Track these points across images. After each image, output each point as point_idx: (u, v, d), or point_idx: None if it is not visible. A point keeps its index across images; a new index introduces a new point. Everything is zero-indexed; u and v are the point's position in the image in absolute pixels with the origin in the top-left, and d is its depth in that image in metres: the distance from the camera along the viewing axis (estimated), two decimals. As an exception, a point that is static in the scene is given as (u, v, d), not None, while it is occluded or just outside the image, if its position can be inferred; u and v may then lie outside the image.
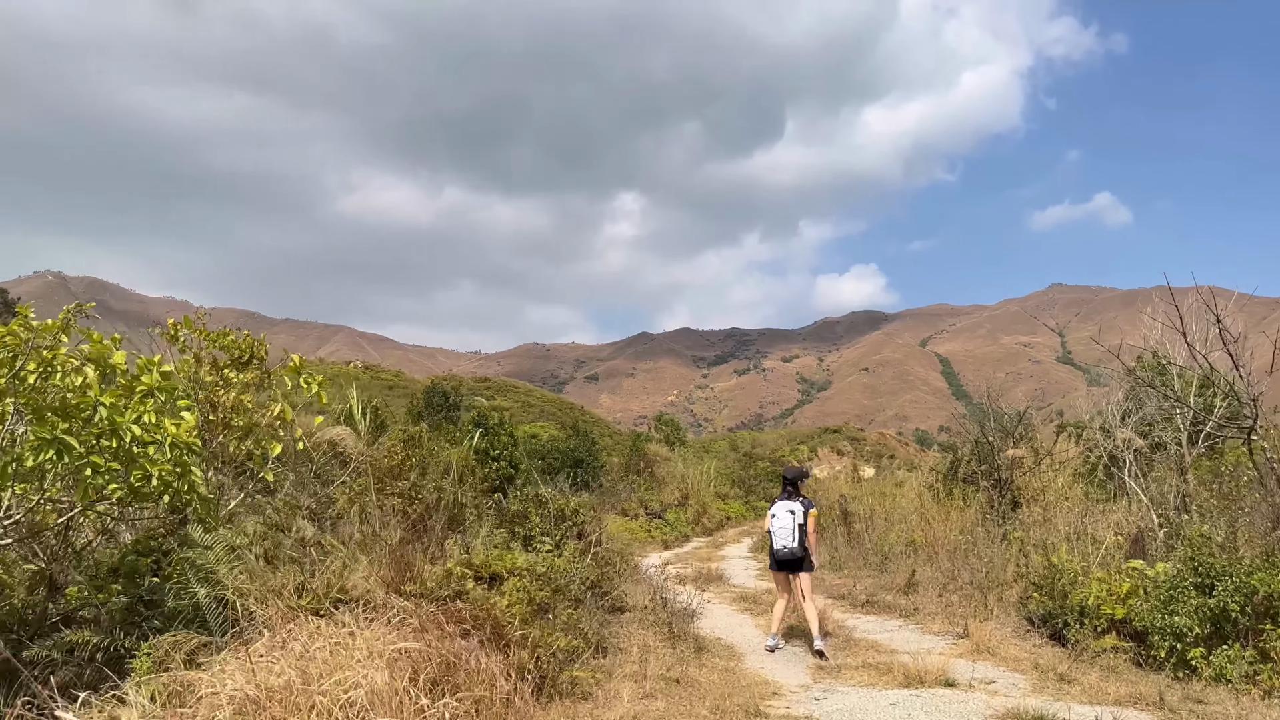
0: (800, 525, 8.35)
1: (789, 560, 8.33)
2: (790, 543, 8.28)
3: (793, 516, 8.37)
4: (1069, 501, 15.75)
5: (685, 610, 8.73)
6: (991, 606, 9.79)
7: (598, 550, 11.24)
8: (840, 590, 12.47)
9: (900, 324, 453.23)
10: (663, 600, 8.31)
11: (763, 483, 48.87)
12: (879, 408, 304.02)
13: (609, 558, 11.39)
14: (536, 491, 11.01)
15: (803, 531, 8.32)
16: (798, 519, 8.36)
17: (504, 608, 5.77)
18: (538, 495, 10.73)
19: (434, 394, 30.15)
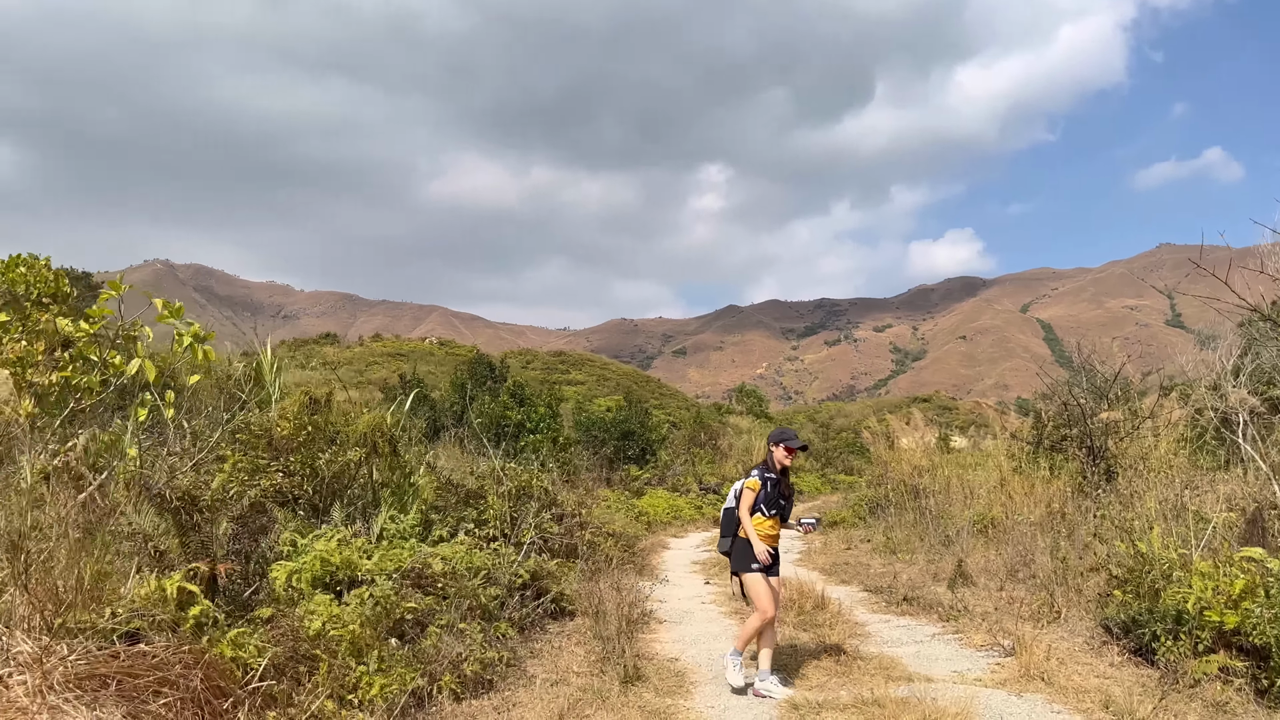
0: (728, 509, 6.19)
1: (721, 550, 6.21)
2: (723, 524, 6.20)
3: (729, 492, 6.28)
4: (1172, 470, 13.28)
5: (634, 618, 6.83)
6: (1060, 606, 7.59)
7: (583, 535, 9.41)
8: (882, 579, 10.36)
9: (999, 290, 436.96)
10: (598, 610, 6.40)
11: (843, 454, 46.48)
12: (977, 377, 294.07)
13: (595, 543, 9.55)
14: (499, 465, 9.20)
15: (731, 514, 6.11)
16: (729, 495, 6.24)
17: (227, 654, 3.93)
18: (496, 471, 8.94)
19: (478, 365, 28.74)
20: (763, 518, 5.96)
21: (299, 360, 56.69)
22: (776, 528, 6.05)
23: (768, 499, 5.96)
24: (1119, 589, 7.43)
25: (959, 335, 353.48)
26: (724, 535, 6.05)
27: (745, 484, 6.00)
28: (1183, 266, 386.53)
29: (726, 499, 6.21)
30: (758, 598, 5.79)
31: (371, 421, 7.42)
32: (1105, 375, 17.00)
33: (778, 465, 6.05)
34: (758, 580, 5.87)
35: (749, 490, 5.99)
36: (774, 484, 5.99)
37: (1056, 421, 17.13)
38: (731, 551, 6.00)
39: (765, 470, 6.04)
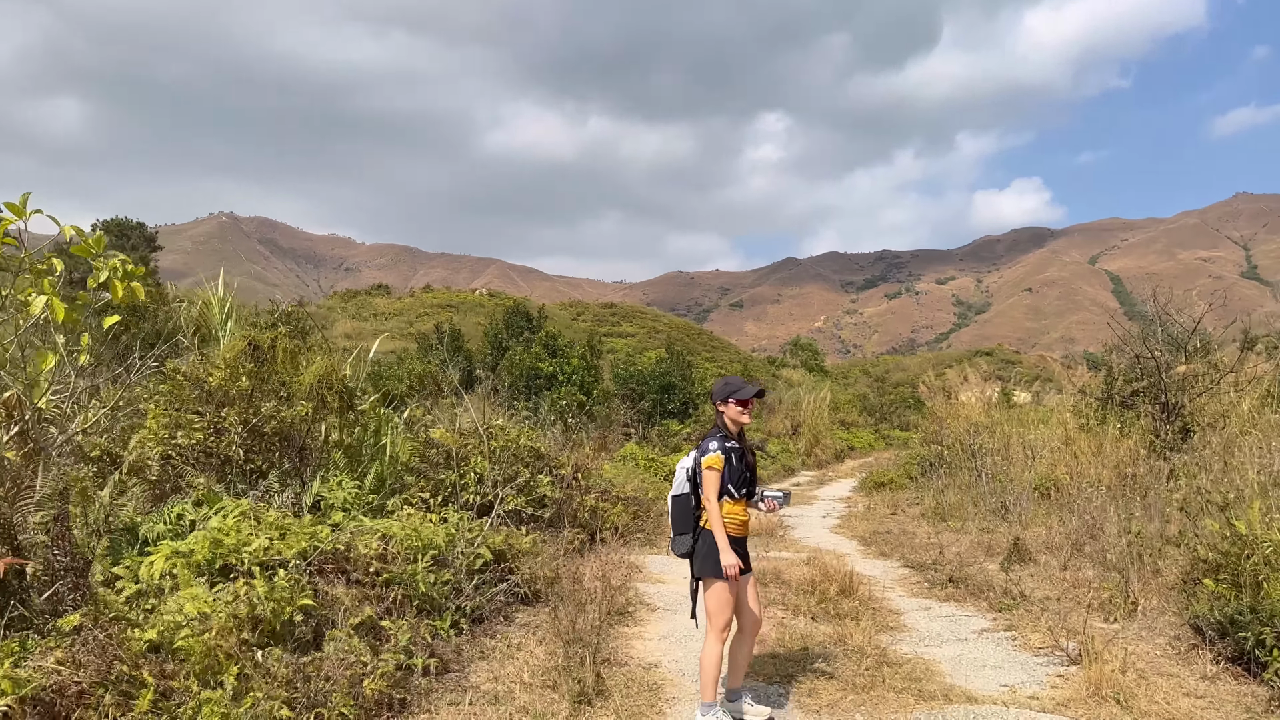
0: (677, 495, 4.59)
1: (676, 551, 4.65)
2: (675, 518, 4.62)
3: (678, 473, 4.65)
4: (1258, 430, 11.78)
5: (616, 606, 5.73)
6: (1137, 596, 6.32)
7: (583, 501, 8.35)
8: (927, 553, 9.14)
9: (1067, 240, 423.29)
10: (571, 597, 5.28)
11: (898, 409, 44.88)
12: (1043, 330, 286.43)
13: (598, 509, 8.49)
14: (491, 422, 8.16)
15: (686, 501, 4.56)
16: (680, 476, 4.63)
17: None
18: (489, 427, 7.88)
19: (515, 315, 27.78)
20: (731, 502, 4.46)
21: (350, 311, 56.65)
22: (746, 512, 4.60)
23: (734, 475, 4.46)
24: (1209, 577, 6.14)
25: (1024, 288, 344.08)
26: (679, 532, 4.54)
27: (703, 462, 4.40)
28: (1261, 216, 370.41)
29: (675, 481, 4.62)
30: (717, 612, 4.35)
31: (320, 371, 6.39)
32: (1183, 325, 15.40)
33: (733, 427, 4.56)
34: (723, 590, 4.36)
35: (710, 470, 4.36)
36: (738, 455, 4.50)
37: (1128, 376, 15.68)
38: (695, 552, 4.45)
39: (724, 439, 4.50)
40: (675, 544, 4.56)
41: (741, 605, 4.52)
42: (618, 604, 6.12)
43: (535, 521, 7.79)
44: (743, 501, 4.54)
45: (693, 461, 4.54)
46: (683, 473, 4.58)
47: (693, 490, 4.52)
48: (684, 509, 4.53)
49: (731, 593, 4.38)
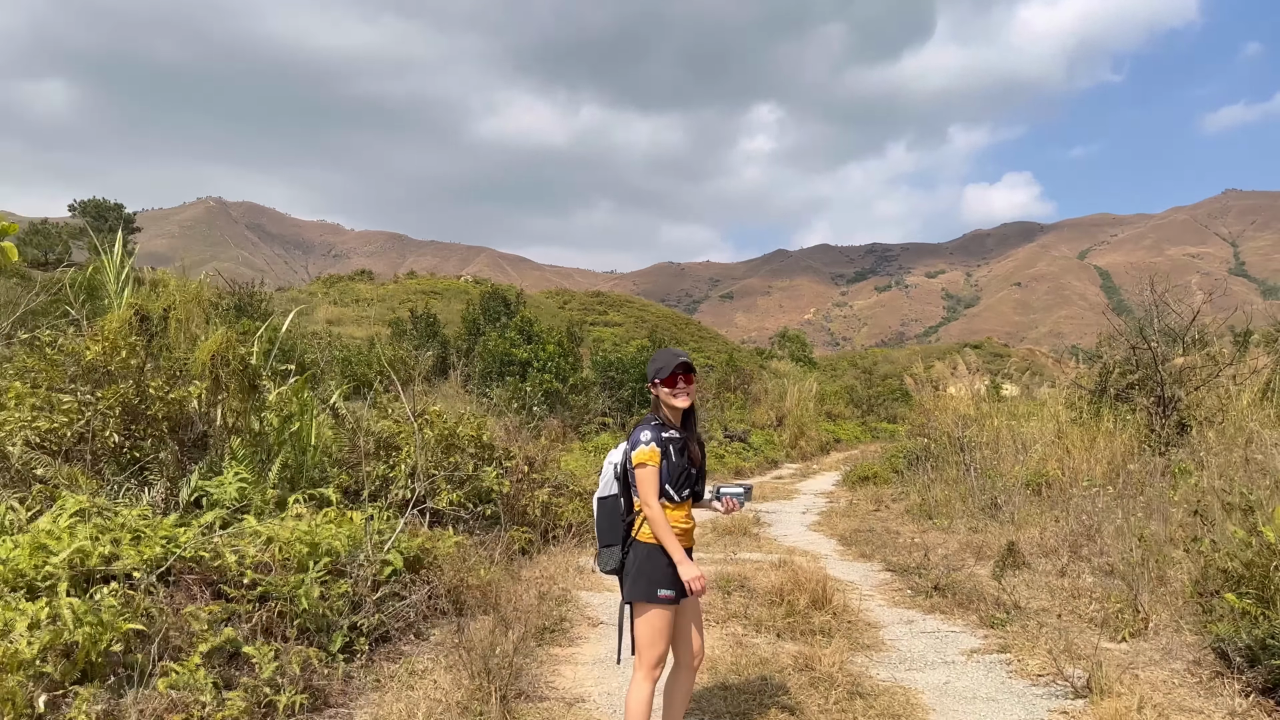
0: (603, 497, 3.66)
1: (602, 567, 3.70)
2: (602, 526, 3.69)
3: (606, 471, 3.69)
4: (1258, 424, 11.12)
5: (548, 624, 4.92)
6: (1147, 611, 5.57)
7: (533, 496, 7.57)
8: (911, 555, 8.39)
9: (1056, 235, 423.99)
10: (489, 607, 4.47)
11: (886, 401, 44.23)
12: (1031, 324, 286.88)
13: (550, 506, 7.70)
14: (427, 409, 7.34)
15: (614, 506, 3.62)
16: (608, 475, 3.67)
17: None
18: (425, 414, 7.07)
19: (492, 300, 26.92)
20: (671, 506, 3.52)
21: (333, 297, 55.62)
22: (690, 519, 3.66)
23: (673, 473, 3.52)
24: (1230, 589, 5.39)
25: (1014, 282, 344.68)
26: (606, 543, 3.61)
27: (635, 456, 3.48)
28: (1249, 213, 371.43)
29: (601, 480, 3.70)
30: (649, 645, 3.46)
31: (214, 346, 5.56)
32: (1180, 315, 14.72)
33: (670, 414, 3.59)
34: (660, 618, 3.46)
35: (646, 468, 3.43)
36: (679, 447, 3.55)
37: (1123, 368, 15.01)
38: (625, 569, 3.53)
39: (659, 428, 3.55)
40: (601, 558, 3.62)
41: (681, 635, 3.64)
42: (553, 618, 5.34)
43: (479, 519, 7.00)
44: (685, 505, 3.59)
45: (622, 456, 3.62)
46: (610, 469, 3.64)
47: (622, 491, 3.60)
48: (611, 515, 3.57)
49: (669, 621, 3.51)
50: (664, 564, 3.44)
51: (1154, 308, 14.55)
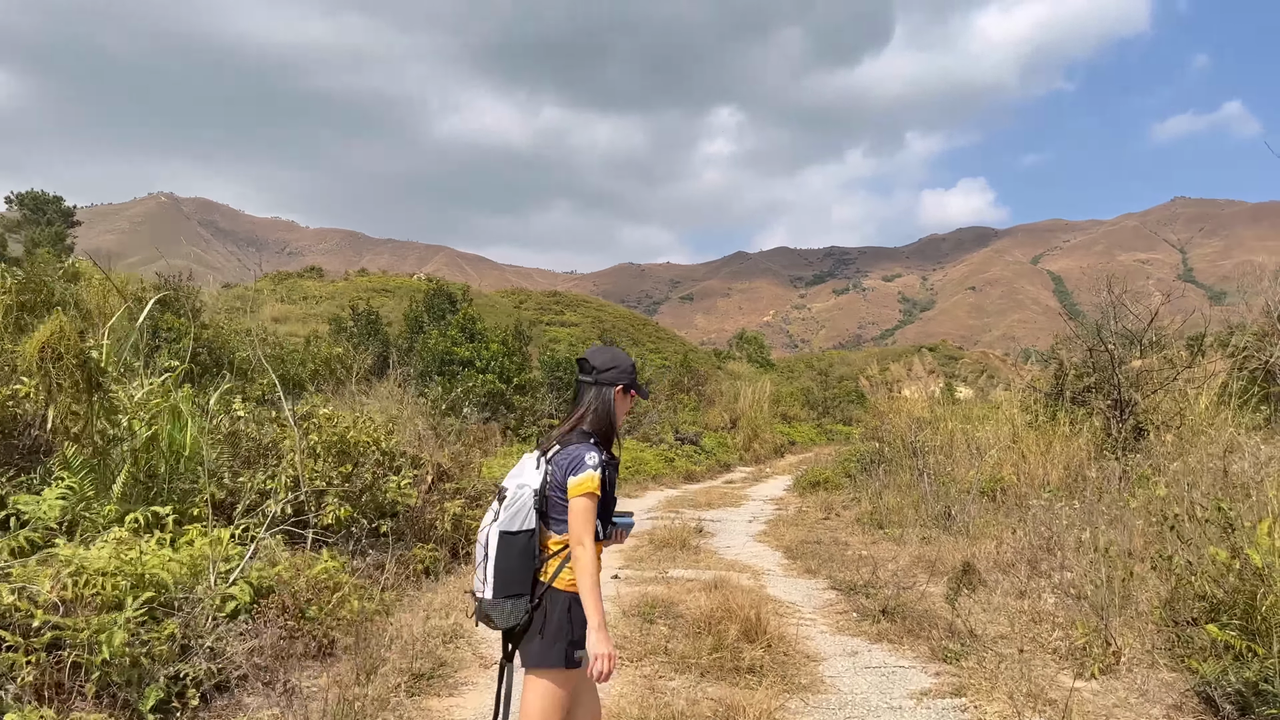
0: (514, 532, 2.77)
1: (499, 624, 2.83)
2: (488, 569, 2.78)
3: (520, 496, 2.80)
4: (1214, 429, 10.73)
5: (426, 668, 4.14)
6: (1119, 644, 4.95)
7: (444, 509, 6.79)
8: (860, 570, 7.73)
9: (1010, 240, 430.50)
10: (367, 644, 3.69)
11: (841, 403, 43.91)
12: (985, 328, 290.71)
13: (465, 519, 6.93)
14: (315, 411, 6.54)
15: (527, 544, 2.77)
16: (524, 501, 2.79)
17: None
18: (311, 415, 6.26)
19: (437, 297, 25.98)
20: (597, 542, 2.84)
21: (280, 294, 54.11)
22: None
23: (607, 506, 2.90)
24: (1209, 618, 4.80)
25: (968, 286, 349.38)
26: (510, 592, 2.75)
27: (577, 484, 2.78)
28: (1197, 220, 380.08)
29: (506, 506, 2.80)
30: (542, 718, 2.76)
31: (45, 338, 4.72)
32: (1138, 317, 14.34)
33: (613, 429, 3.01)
34: (566, 688, 2.81)
35: (587, 499, 2.77)
36: (614, 474, 2.94)
37: (1079, 370, 14.63)
38: (533, 627, 2.78)
39: (600, 447, 2.92)
40: (498, 611, 2.75)
41: (579, 702, 2.90)
42: (437, 658, 4.57)
43: (377, 537, 6.21)
44: (600, 544, 2.91)
45: (544, 478, 2.82)
46: (527, 496, 2.77)
47: (541, 526, 2.81)
48: (525, 555, 2.74)
49: (569, 691, 2.81)
50: (582, 620, 2.73)
51: (1111, 309, 14.15)
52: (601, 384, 2.97)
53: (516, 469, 2.91)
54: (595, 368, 3.00)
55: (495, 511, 2.79)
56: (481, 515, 7.12)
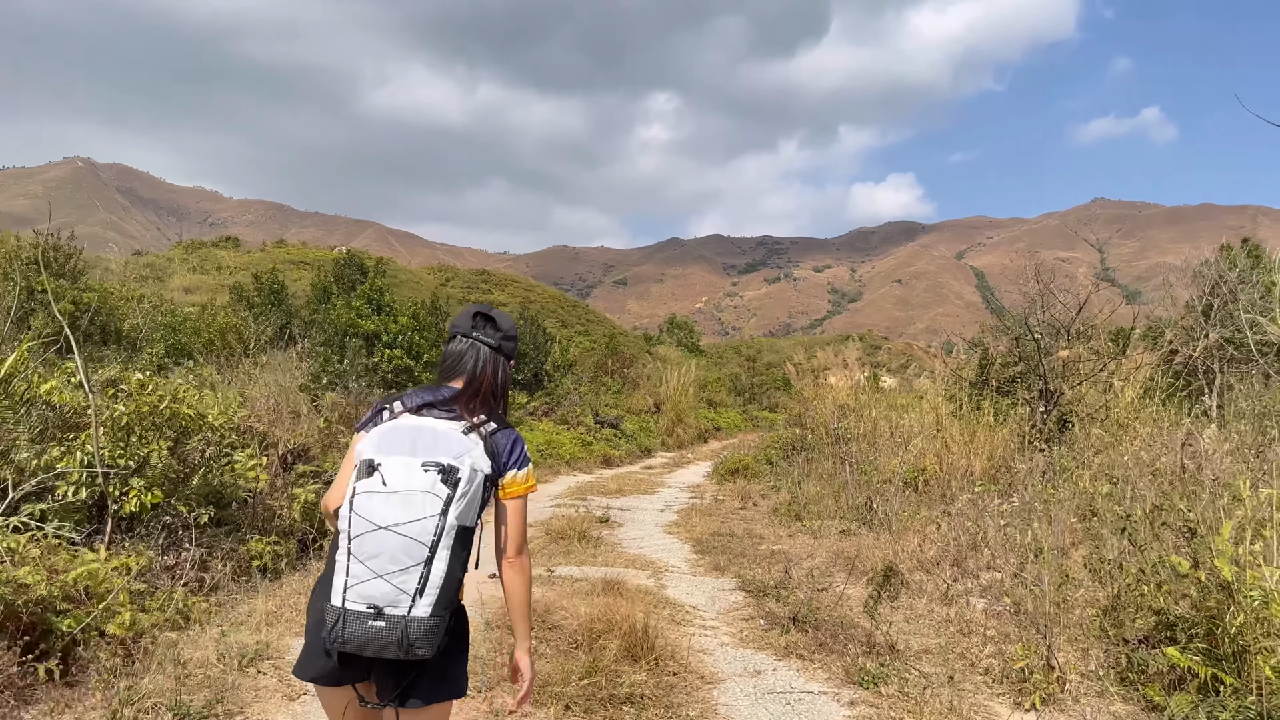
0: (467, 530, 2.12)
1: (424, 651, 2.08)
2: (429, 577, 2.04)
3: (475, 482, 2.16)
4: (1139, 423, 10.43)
5: None
6: (1062, 667, 4.24)
7: (299, 496, 5.80)
8: (772, 568, 6.97)
9: (936, 235, 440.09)
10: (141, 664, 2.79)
11: (768, 390, 43.62)
12: (910, 320, 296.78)
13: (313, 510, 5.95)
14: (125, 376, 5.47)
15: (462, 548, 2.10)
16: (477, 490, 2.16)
17: None
18: (120, 383, 5.21)
19: (348, 266, 24.62)
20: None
21: (192, 264, 51.67)
22: None
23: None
24: (1170, 641, 4.12)
25: (895, 279, 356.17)
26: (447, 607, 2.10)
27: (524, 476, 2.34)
28: (1115, 221, 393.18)
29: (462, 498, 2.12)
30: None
31: None
32: (1067, 307, 14.00)
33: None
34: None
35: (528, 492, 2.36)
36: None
37: (1005, 359, 14.27)
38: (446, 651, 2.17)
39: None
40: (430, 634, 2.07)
41: None
42: (221, 687, 3.61)
43: (207, 528, 5.20)
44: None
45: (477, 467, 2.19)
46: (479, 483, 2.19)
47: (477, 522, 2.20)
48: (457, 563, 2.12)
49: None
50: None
51: (1039, 298, 13.76)
52: (503, 353, 2.44)
53: (441, 441, 2.19)
54: (502, 331, 2.45)
55: (444, 496, 2.08)
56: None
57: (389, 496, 2.05)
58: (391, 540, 2.02)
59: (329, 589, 2.08)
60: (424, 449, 2.15)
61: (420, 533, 2.03)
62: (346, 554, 2.04)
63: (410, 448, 2.15)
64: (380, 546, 2.02)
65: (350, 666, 2.11)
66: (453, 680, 2.22)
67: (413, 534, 2.03)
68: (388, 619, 2.01)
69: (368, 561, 2.02)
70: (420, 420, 2.23)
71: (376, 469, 2.10)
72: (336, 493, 2.26)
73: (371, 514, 2.05)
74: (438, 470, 2.10)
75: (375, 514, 2.04)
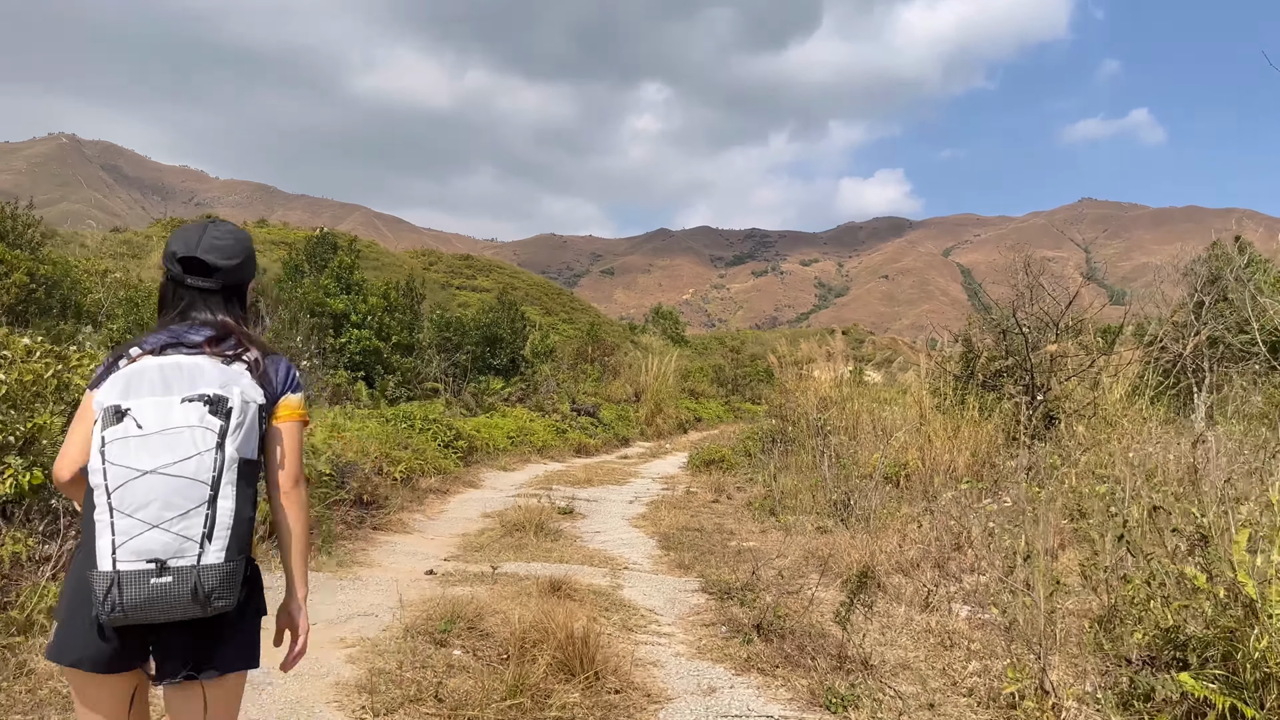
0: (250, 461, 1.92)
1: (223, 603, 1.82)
2: (215, 516, 1.79)
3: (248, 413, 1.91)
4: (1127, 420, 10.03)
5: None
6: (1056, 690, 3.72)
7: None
8: (739, 567, 6.45)
9: (923, 232, 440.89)
10: None
11: (751, 382, 43.18)
12: (896, 316, 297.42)
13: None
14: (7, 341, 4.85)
15: (245, 484, 1.86)
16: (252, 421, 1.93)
17: None
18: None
19: (320, 245, 23.90)
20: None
21: (171, 242, 50.71)
22: None
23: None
24: (1181, 664, 3.61)
25: (881, 274, 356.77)
26: (242, 551, 1.85)
27: (298, 401, 2.10)
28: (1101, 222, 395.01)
29: (238, 428, 1.86)
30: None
31: None
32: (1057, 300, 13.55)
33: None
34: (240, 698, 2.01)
35: (304, 423, 2.13)
36: None
37: (992, 353, 13.84)
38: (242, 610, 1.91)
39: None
40: (229, 581, 1.83)
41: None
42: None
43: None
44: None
45: (248, 397, 1.95)
46: (253, 414, 1.95)
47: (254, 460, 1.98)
48: (245, 500, 1.89)
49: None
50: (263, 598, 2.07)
51: (1028, 290, 13.31)
52: (234, 283, 2.13)
53: (199, 375, 1.91)
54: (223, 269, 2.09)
55: (217, 428, 1.84)
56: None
57: (147, 439, 1.80)
58: (162, 484, 1.77)
59: (92, 555, 1.78)
60: (180, 385, 1.88)
61: (197, 471, 1.80)
62: (108, 510, 1.77)
63: (164, 386, 1.88)
64: (150, 493, 1.76)
65: (128, 645, 1.85)
66: (250, 646, 1.99)
67: (188, 473, 1.79)
68: (175, 572, 1.76)
69: (137, 513, 1.76)
70: (167, 358, 1.94)
71: (125, 413, 1.83)
72: (70, 456, 1.97)
73: (131, 460, 1.78)
74: (203, 402, 1.86)
75: (135, 459, 1.78)
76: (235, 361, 1.99)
